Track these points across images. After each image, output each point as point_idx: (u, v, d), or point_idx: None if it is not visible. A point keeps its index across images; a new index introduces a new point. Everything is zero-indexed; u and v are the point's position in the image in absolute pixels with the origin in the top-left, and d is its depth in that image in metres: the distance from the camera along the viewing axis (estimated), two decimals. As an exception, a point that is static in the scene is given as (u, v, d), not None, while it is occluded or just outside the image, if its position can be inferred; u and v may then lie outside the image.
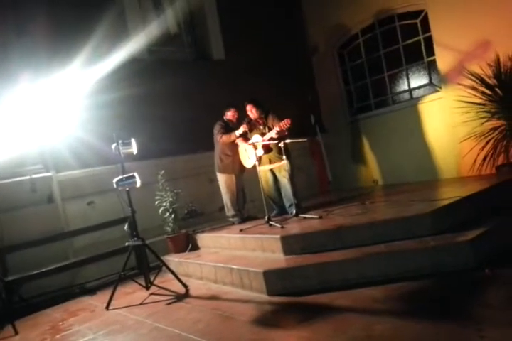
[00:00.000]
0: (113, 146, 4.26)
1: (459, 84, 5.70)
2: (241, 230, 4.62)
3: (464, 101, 5.50)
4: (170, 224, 5.11)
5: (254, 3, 7.25)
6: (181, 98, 6.20)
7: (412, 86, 6.98)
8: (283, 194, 5.10)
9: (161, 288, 4.38)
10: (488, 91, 5.43)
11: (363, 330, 2.58)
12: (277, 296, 3.49)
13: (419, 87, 6.89)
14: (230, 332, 2.95)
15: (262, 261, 3.94)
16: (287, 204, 5.07)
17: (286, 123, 4.50)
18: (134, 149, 4.32)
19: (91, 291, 4.84)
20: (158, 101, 5.92)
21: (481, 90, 5.46)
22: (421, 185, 5.89)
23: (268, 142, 4.80)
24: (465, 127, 5.63)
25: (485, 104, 5.46)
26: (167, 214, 5.07)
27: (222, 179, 5.30)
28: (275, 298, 3.47)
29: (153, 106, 5.83)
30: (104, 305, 4.06)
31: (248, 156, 5.07)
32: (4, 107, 4.71)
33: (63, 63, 4.99)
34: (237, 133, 5.00)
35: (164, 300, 3.99)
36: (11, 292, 4.34)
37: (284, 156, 4.67)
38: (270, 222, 4.53)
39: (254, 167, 4.86)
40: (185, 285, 4.25)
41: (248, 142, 4.91)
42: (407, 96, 7.08)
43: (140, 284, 4.32)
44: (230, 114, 5.27)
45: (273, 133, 4.69)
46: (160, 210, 5.07)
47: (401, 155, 6.91)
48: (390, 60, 7.14)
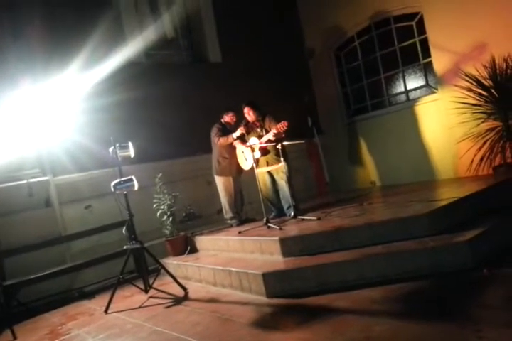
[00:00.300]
0: (110, 150, 4.26)
1: (455, 86, 5.73)
2: (239, 232, 4.62)
3: (461, 102, 5.53)
4: (168, 227, 5.11)
5: (250, 6, 7.28)
6: (178, 101, 6.21)
7: (408, 88, 7.00)
8: (281, 196, 5.11)
9: (160, 291, 4.37)
10: (484, 93, 5.46)
11: (362, 332, 2.59)
12: (276, 298, 3.49)
13: (416, 89, 6.91)
14: (229, 334, 2.95)
15: (260, 263, 3.94)
16: (285, 206, 5.08)
17: (283, 125, 4.50)
18: (131, 152, 4.32)
19: (89, 295, 4.83)
20: (156, 105, 5.93)
21: (477, 91, 5.49)
22: (418, 186, 5.90)
23: (265, 144, 4.82)
24: (461, 128, 5.66)
25: (481, 105, 5.48)
26: (165, 217, 5.07)
27: (220, 181, 5.31)
28: (274, 300, 3.47)
29: (151, 110, 5.84)
30: (103, 308, 4.05)
31: (246, 158, 5.08)
32: (1, 111, 4.71)
33: (60, 67, 4.99)
34: (235, 135, 5.01)
35: (163, 303, 3.99)
36: (9, 296, 4.32)
37: (281, 158, 4.68)
38: (268, 224, 4.53)
39: (252, 169, 4.87)
40: (184, 288, 4.24)
41: (245, 144, 4.93)
42: (403, 97, 7.10)
43: (139, 287, 4.31)
44: (228, 117, 5.28)
45: (270, 136, 4.70)
46: (158, 213, 5.07)
47: (398, 156, 6.93)
48: (386, 61, 7.17)
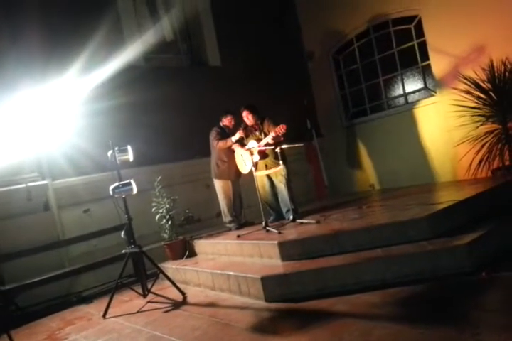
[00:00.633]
0: (109, 153, 4.26)
1: (454, 89, 5.73)
2: (238, 236, 4.61)
3: (459, 105, 5.53)
4: (167, 231, 5.09)
5: (249, 10, 7.30)
6: (177, 104, 6.21)
7: (407, 90, 7.01)
8: (280, 199, 5.10)
9: (159, 295, 4.35)
10: (482, 96, 5.46)
11: (361, 336, 2.57)
12: (275, 302, 3.47)
13: (414, 92, 6.92)
14: (228, 339, 2.93)
15: (259, 267, 3.93)
16: (284, 210, 5.07)
17: (281, 128, 4.50)
18: (130, 156, 4.31)
19: (88, 299, 4.80)
20: (155, 108, 5.93)
21: (475, 94, 5.49)
22: (417, 189, 5.90)
23: (264, 148, 4.81)
24: (460, 131, 5.66)
25: (480, 108, 5.48)
26: (164, 220, 5.05)
27: (218, 185, 5.30)
28: (273, 305, 3.45)
29: (150, 113, 5.84)
30: (101, 313, 4.03)
31: (244, 162, 5.07)
32: (0, 114, 4.71)
33: (59, 70, 5.00)
34: (233, 139, 5.01)
35: (162, 308, 3.97)
36: (7, 301, 4.31)
37: (280, 161, 4.68)
38: (267, 228, 4.52)
39: (251, 172, 4.86)
40: (183, 293, 4.23)
41: (244, 148, 4.93)
42: (402, 100, 7.11)
43: (137, 292, 4.30)
44: (226, 120, 5.28)
45: (269, 139, 4.70)
46: (157, 217, 5.06)
47: (397, 159, 6.93)
48: (384, 64, 7.19)
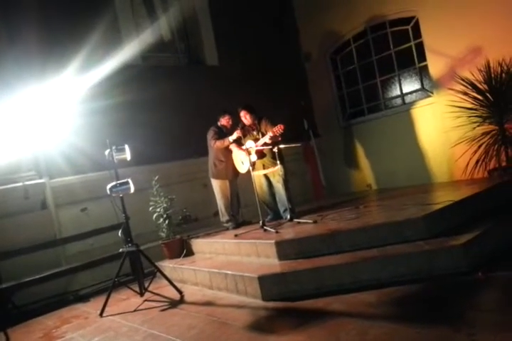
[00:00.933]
0: (106, 152, 4.26)
1: (451, 90, 5.76)
2: (236, 235, 4.62)
3: (456, 106, 5.55)
4: (164, 230, 5.10)
5: (247, 10, 7.32)
6: (175, 104, 6.21)
7: (404, 91, 7.04)
8: (277, 199, 5.11)
9: (156, 294, 4.36)
10: (479, 97, 5.48)
11: (358, 335, 2.59)
12: (272, 301, 3.49)
13: (412, 92, 6.95)
14: (225, 338, 2.94)
15: (256, 266, 3.94)
16: (281, 209, 5.08)
17: (279, 128, 4.52)
18: (127, 155, 4.31)
19: (85, 298, 4.81)
20: (152, 107, 5.93)
21: (472, 95, 5.52)
22: (414, 189, 5.92)
23: (262, 147, 4.83)
24: (457, 132, 5.69)
25: (476, 109, 5.51)
26: (161, 219, 5.05)
27: (216, 184, 5.31)
28: (270, 304, 3.47)
29: (147, 112, 5.84)
30: (98, 311, 4.04)
31: (242, 162, 5.08)
32: (-3, 113, 4.71)
33: (57, 69, 4.99)
34: (231, 138, 5.02)
35: (159, 307, 3.97)
36: (4, 299, 4.30)
37: (278, 161, 4.69)
38: (265, 227, 4.53)
39: (249, 172, 4.87)
40: (180, 291, 4.24)
41: (242, 148, 4.93)
42: (399, 101, 7.14)
43: (134, 290, 4.30)
44: (224, 120, 5.29)
45: (266, 139, 4.71)
46: (154, 216, 5.06)
47: (394, 159, 6.96)
48: (382, 65, 7.21)
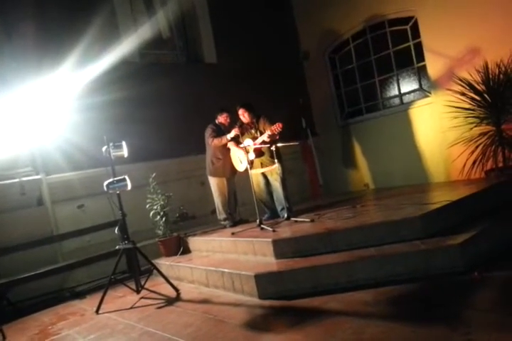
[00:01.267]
0: (104, 149, 4.24)
1: (449, 90, 5.77)
2: (233, 233, 4.62)
3: (454, 106, 5.57)
4: (161, 228, 5.09)
5: (245, 8, 7.30)
6: (173, 101, 6.20)
7: (402, 91, 7.05)
8: (275, 197, 5.11)
9: (152, 291, 4.36)
10: (477, 97, 5.50)
11: (354, 334, 2.60)
12: (269, 300, 3.49)
13: (410, 92, 6.96)
14: (221, 336, 2.94)
15: (253, 264, 3.94)
16: (279, 208, 5.08)
17: (277, 127, 4.51)
18: (124, 152, 4.30)
19: (81, 295, 4.80)
20: (150, 104, 5.92)
21: (470, 96, 5.53)
22: (411, 189, 5.94)
23: (260, 146, 4.82)
24: (454, 132, 5.71)
25: (474, 110, 5.52)
26: (158, 217, 5.05)
27: (213, 182, 5.31)
28: (266, 302, 3.47)
29: (145, 109, 5.83)
30: (94, 309, 4.03)
31: (240, 160, 5.08)
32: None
33: (54, 65, 4.97)
34: (229, 136, 5.01)
35: (155, 304, 3.97)
36: (-1, 296, 4.30)
37: (275, 160, 4.69)
38: (262, 226, 4.53)
39: (246, 170, 4.87)
40: (177, 289, 4.23)
41: (240, 146, 4.93)
42: (397, 101, 7.15)
43: (131, 288, 4.29)
44: (222, 118, 5.28)
45: (265, 137, 4.71)
46: (151, 213, 5.05)
47: (391, 159, 6.97)
48: (380, 65, 7.21)
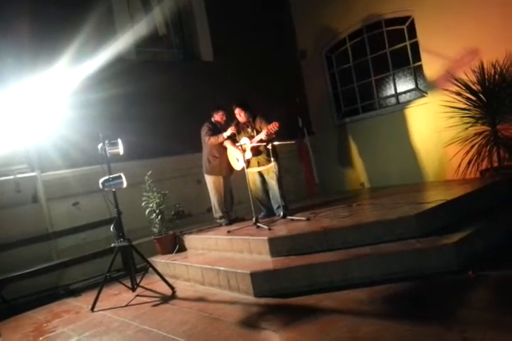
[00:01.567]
0: (99, 146, 4.23)
1: (445, 90, 5.80)
2: (228, 232, 4.62)
3: (449, 106, 5.60)
4: (157, 226, 5.08)
5: (243, 6, 7.28)
6: (169, 99, 6.18)
7: (398, 91, 7.07)
8: (271, 196, 5.11)
9: (147, 289, 4.35)
10: (472, 97, 5.53)
11: (349, 332, 2.61)
12: (264, 298, 3.50)
13: (406, 92, 6.98)
14: (217, 333, 2.95)
15: (249, 262, 3.95)
16: (275, 206, 5.09)
17: (274, 126, 4.51)
18: (120, 149, 4.29)
19: (76, 293, 4.78)
20: (146, 102, 5.90)
21: (465, 96, 5.56)
22: (407, 188, 5.96)
23: (256, 144, 4.82)
24: (450, 132, 5.74)
25: (469, 110, 5.56)
26: (154, 215, 5.03)
27: (209, 180, 5.30)
28: (262, 300, 3.47)
29: (141, 107, 5.82)
30: (89, 306, 4.02)
31: (237, 159, 5.07)
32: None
33: (49, 61, 4.94)
34: (225, 135, 5.01)
35: (150, 302, 3.97)
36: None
37: (272, 158, 4.69)
38: (258, 224, 4.54)
39: (242, 168, 4.87)
40: (172, 287, 4.23)
41: (237, 144, 4.92)
42: (393, 100, 7.17)
43: (126, 286, 4.28)
44: (218, 116, 5.27)
45: (262, 136, 4.70)
46: (147, 211, 5.04)
47: (387, 158, 7.00)
48: (377, 64, 7.23)
